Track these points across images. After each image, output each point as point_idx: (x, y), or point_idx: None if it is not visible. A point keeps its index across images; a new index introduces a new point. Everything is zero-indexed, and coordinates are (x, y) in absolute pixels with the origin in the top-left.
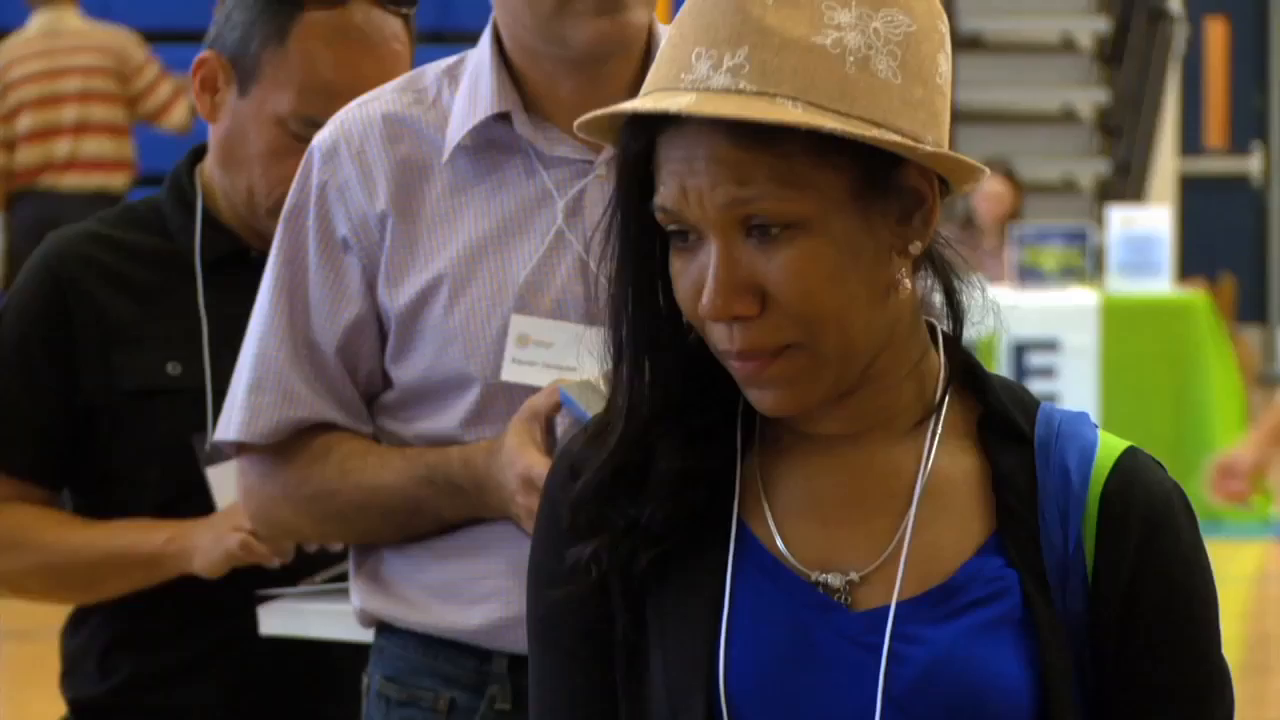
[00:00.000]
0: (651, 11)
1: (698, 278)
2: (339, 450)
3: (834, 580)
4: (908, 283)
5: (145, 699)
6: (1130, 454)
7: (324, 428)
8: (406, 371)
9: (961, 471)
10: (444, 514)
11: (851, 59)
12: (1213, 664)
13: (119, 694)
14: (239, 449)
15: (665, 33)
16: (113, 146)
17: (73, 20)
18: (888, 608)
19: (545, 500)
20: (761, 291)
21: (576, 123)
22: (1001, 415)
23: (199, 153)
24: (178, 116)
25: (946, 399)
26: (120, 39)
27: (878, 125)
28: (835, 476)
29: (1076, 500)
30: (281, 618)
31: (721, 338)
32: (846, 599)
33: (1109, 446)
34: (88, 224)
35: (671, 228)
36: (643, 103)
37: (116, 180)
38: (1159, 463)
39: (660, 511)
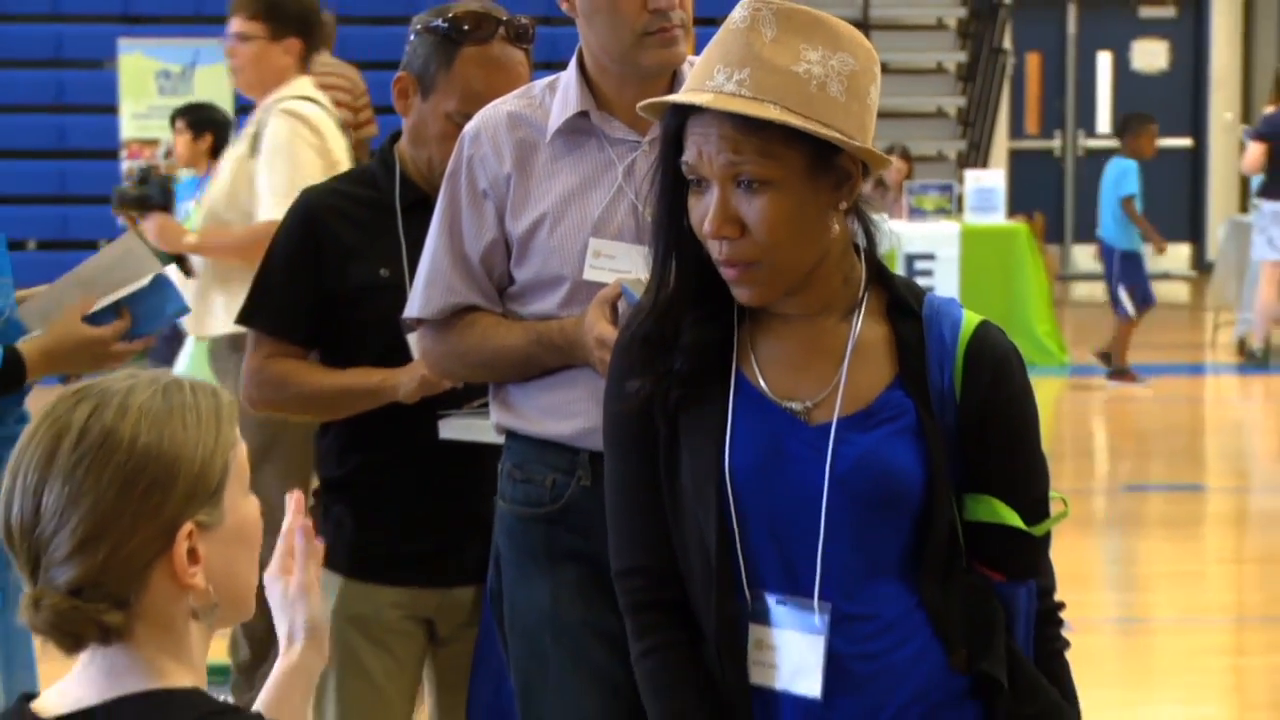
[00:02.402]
0: (688, 46)
1: (705, 211)
2: (481, 323)
3: (797, 406)
4: (836, 227)
5: (367, 478)
6: (983, 324)
7: (471, 309)
8: (523, 273)
9: (877, 337)
10: (547, 363)
11: (814, 83)
12: (1036, 457)
13: (351, 475)
14: (418, 323)
15: (688, 68)
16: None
17: (324, 56)
18: (830, 423)
19: (615, 352)
20: (742, 223)
21: (640, 105)
22: (902, 301)
23: (396, 136)
24: (373, 130)
25: (867, 293)
26: (352, 75)
27: (827, 126)
28: (797, 340)
29: (949, 354)
30: (451, 428)
31: (715, 250)
32: (805, 418)
33: (970, 319)
34: (327, 182)
35: (691, 177)
36: (681, 97)
37: None
38: (1001, 329)
39: (686, 365)
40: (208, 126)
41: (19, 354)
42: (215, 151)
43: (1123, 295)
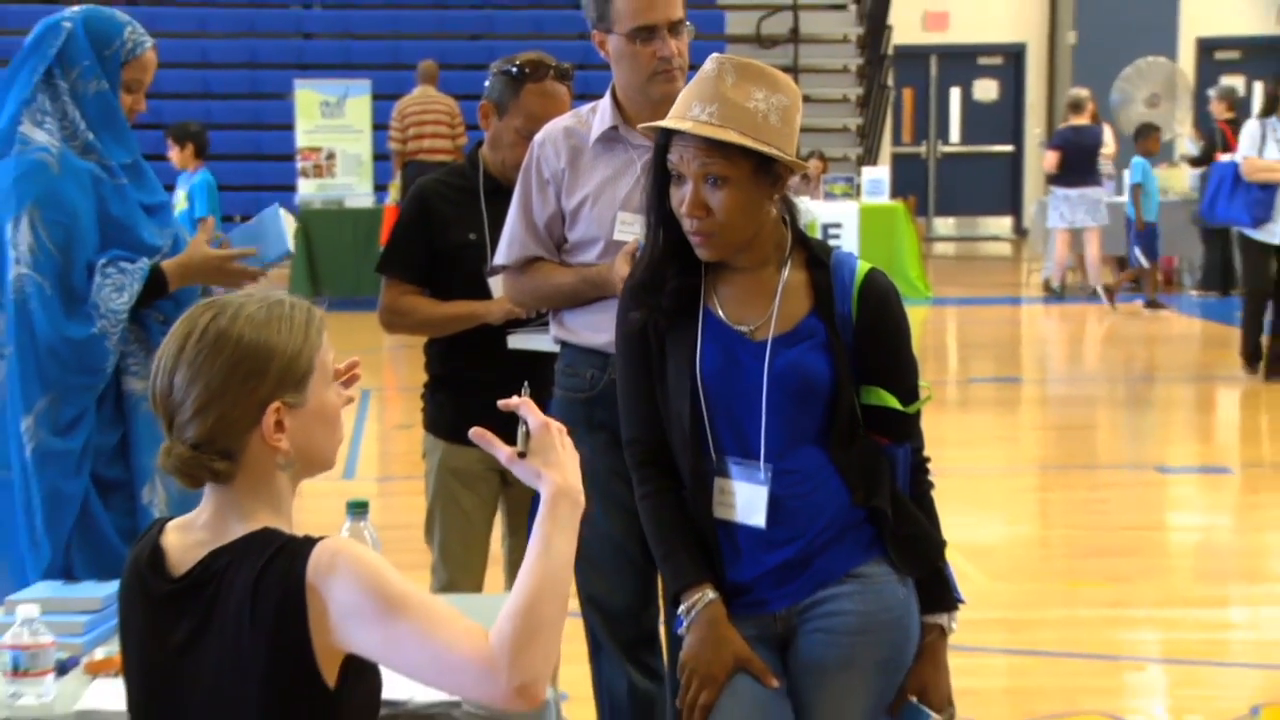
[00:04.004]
0: (684, 83)
1: (682, 198)
2: (544, 269)
3: (745, 329)
4: (773, 210)
5: (460, 374)
6: (873, 269)
7: (538, 259)
8: (573, 235)
9: (799, 281)
10: (589, 296)
11: (760, 115)
12: (909, 359)
13: (449, 372)
14: (502, 269)
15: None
16: (445, 144)
17: (432, 91)
18: (767, 340)
19: (623, 291)
20: (708, 207)
21: (640, 125)
22: (816, 256)
23: (479, 144)
24: (464, 140)
25: (792, 252)
26: (451, 104)
27: (768, 145)
28: (745, 284)
29: (848, 291)
30: (517, 340)
31: (687, 225)
32: (751, 337)
33: (863, 267)
34: (434, 174)
35: (674, 173)
36: (668, 122)
37: (446, 157)
38: (885, 273)
39: (670, 303)
40: (186, 138)
41: (160, 269)
42: (198, 154)
43: (1136, 251)
